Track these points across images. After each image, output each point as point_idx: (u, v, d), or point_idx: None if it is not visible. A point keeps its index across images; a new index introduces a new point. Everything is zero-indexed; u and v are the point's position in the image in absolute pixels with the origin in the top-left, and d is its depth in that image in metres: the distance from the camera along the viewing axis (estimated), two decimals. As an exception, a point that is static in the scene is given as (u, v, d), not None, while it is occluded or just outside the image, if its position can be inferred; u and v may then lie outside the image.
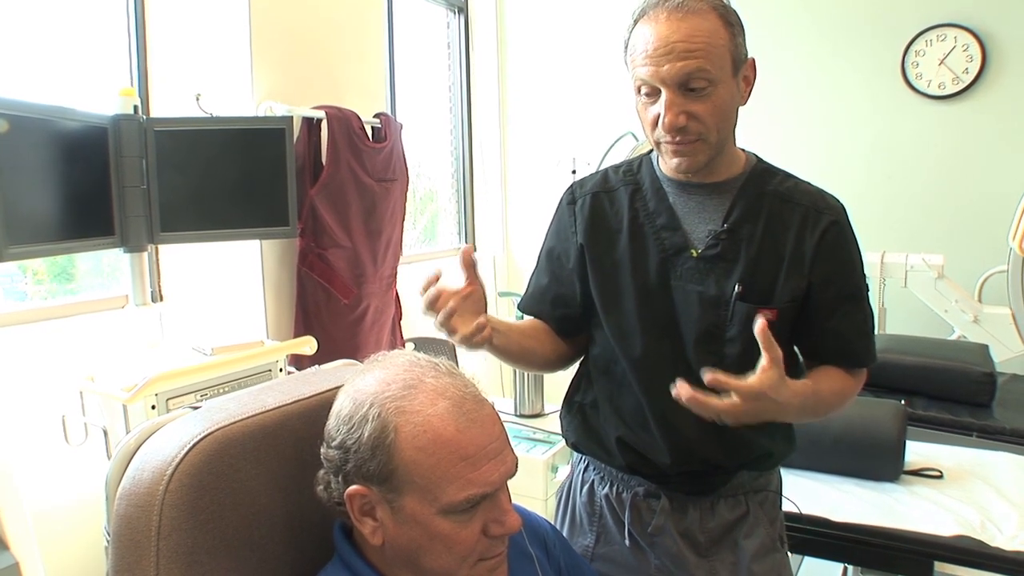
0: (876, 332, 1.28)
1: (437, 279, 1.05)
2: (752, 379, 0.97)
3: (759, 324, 0.98)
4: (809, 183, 1.22)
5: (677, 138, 1.09)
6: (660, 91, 1.07)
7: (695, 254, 1.17)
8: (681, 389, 0.97)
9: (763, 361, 0.97)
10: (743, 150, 1.23)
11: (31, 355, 1.93)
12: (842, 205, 1.20)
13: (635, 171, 1.27)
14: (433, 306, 1.03)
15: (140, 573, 0.75)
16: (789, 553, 1.34)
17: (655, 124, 1.11)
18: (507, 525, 0.83)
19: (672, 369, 1.17)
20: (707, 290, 1.16)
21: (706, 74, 1.05)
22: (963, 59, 3.32)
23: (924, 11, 3.37)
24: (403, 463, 0.79)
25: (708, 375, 0.97)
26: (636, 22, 1.10)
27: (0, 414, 1.82)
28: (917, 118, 3.44)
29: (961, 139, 3.38)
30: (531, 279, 1.36)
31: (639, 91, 1.11)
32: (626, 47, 1.13)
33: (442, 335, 1.06)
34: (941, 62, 3.36)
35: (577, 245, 1.26)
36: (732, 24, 1.08)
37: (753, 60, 1.13)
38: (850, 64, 3.53)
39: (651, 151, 1.29)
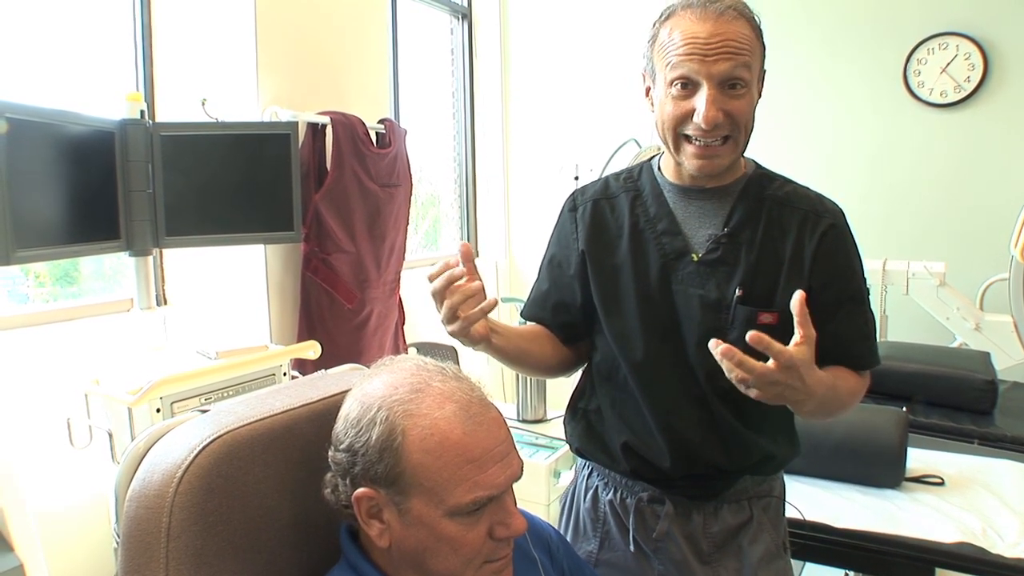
0: (878, 339, 1.28)
1: (452, 266, 1.04)
2: (789, 347, 0.95)
3: (797, 297, 0.96)
4: (807, 187, 1.23)
5: (710, 135, 1.09)
6: (699, 86, 1.08)
7: (696, 258, 1.18)
8: (717, 347, 0.95)
9: (797, 336, 0.96)
10: (742, 156, 1.24)
11: (37, 358, 1.94)
12: (840, 209, 1.21)
13: (635, 178, 1.28)
14: (443, 293, 1.03)
15: (150, 573, 0.75)
16: (791, 559, 1.34)
17: (683, 120, 1.10)
18: (513, 527, 0.84)
19: (674, 373, 1.19)
20: (708, 294, 1.17)
21: (747, 75, 1.08)
22: (965, 67, 3.33)
23: (926, 19, 3.39)
24: (410, 465, 0.79)
25: (751, 335, 0.93)
26: (670, 16, 1.11)
27: (5, 416, 1.83)
28: (919, 126, 3.46)
29: (963, 147, 3.39)
30: (534, 286, 1.38)
31: (671, 85, 1.10)
32: (654, 41, 1.13)
33: (443, 339, 1.07)
34: (943, 70, 3.37)
35: (578, 252, 1.27)
36: (761, 39, 1.12)
37: (764, 73, 1.15)
38: (852, 72, 3.54)
39: (652, 157, 1.30)
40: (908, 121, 3.47)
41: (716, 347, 0.95)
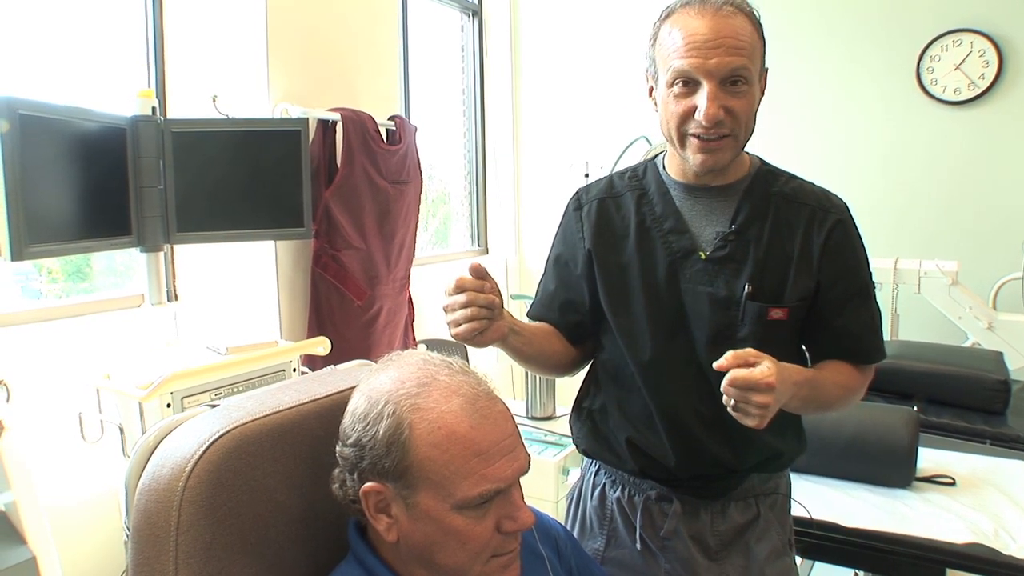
0: (889, 338, 1.28)
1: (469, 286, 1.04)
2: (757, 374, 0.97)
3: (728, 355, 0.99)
4: (813, 183, 1.24)
5: (711, 131, 1.09)
6: (700, 83, 1.08)
7: (703, 256, 1.18)
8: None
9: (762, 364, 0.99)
10: (747, 153, 1.24)
11: (49, 352, 1.96)
12: (845, 204, 1.22)
13: (640, 176, 1.28)
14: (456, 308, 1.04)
15: (159, 567, 0.76)
16: (801, 558, 1.34)
17: (686, 118, 1.10)
18: (520, 521, 0.84)
19: (682, 371, 1.19)
20: (717, 291, 1.17)
21: (748, 72, 1.07)
22: (979, 64, 3.29)
23: (940, 16, 3.36)
24: (418, 459, 0.79)
25: (727, 374, 0.97)
26: (669, 15, 1.11)
27: (18, 411, 1.84)
28: (932, 124, 3.43)
29: (976, 145, 3.35)
30: (539, 285, 1.37)
31: (672, 84, 1.10)
32: (655, 40, 1.13)
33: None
34: (957, 67, 3.34)
35: (585, 251, 1.27)
36: (761, 34, 1.11)
37: (767, 71, 1.15)
38: (865, 69, 3.52)
39: (656, 156, 1.30)
40: (921, 119, 3.44)
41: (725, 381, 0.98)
